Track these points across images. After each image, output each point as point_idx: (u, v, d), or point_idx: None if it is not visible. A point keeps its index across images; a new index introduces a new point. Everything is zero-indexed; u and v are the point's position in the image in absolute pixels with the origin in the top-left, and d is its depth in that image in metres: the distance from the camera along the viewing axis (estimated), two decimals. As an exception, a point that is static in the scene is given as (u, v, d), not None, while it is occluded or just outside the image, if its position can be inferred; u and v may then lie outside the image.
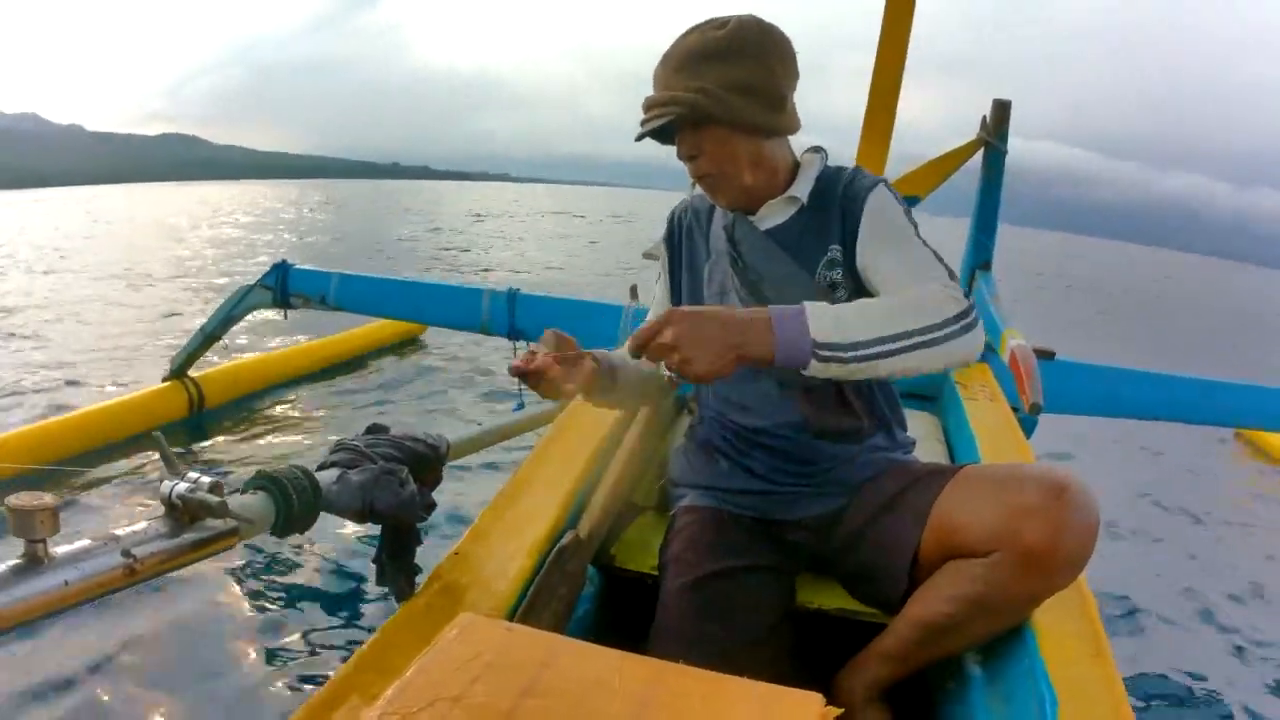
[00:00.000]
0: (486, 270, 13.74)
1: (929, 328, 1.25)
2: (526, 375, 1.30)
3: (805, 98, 1.54)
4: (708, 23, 1.46)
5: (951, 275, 1.39)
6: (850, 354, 1.21)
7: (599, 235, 24.12)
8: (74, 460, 3.67)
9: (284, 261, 4.48)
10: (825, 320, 1.21)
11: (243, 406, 4.77)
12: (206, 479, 1.06)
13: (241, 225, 21.08)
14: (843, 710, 0.85)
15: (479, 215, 31.14)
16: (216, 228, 19.88)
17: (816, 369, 1.21)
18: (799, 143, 1.61)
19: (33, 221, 19.59)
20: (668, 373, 1.23)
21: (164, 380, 4.48)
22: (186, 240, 16.38)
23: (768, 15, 1.49)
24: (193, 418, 4.45)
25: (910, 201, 1.54)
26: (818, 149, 1.61)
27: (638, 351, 1.22)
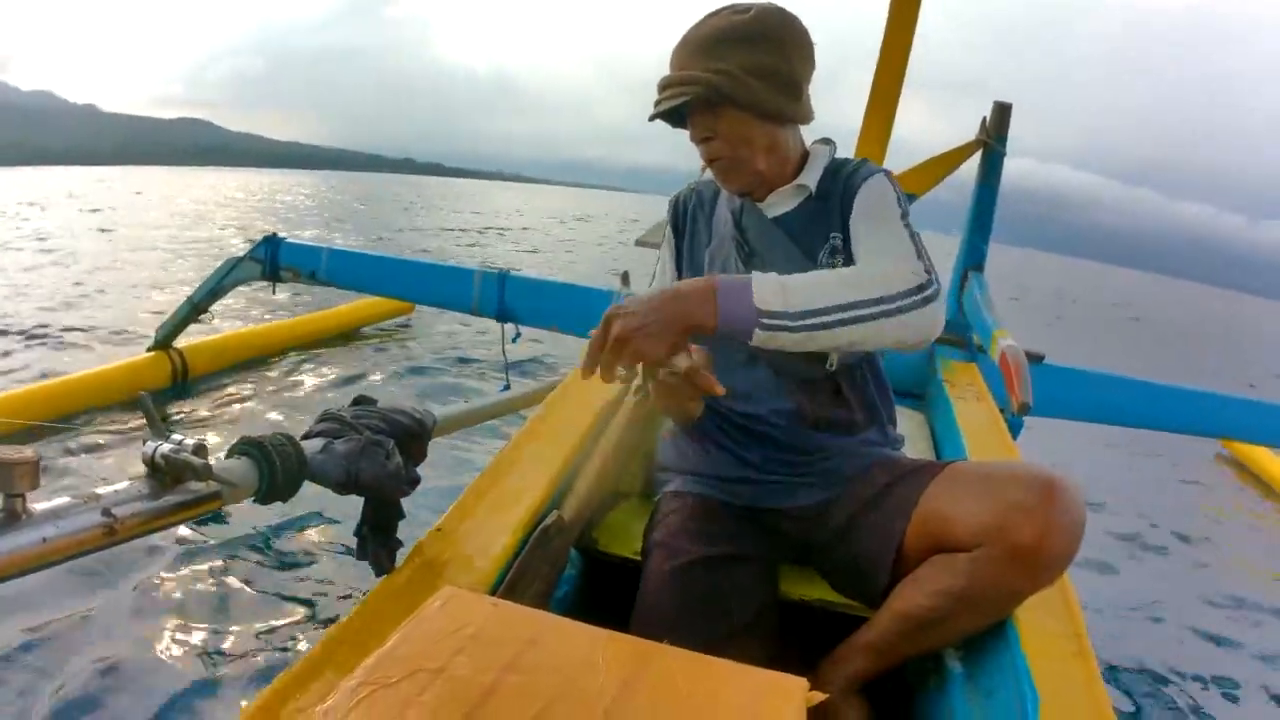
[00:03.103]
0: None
1: (884, 299, 1.24)
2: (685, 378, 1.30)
3: (818, 108, 1.55)
4: (730, 8, 1.46)
5: (921, 255, 1.36)
6: (797, 323, 1.21)
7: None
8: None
9: (274, 235, 4.44)
10: (770, 289, 1.22)
11: (226, 379, 4.74)
12: (190, 441, 1.05)
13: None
14: (827, 695, 0.85)
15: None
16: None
17: (761, 338, 1.22)
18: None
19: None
20: (631, 380, 1.22)
21: (149, 350, 4.46)
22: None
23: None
24: (175, 388, 4.43)
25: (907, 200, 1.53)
26: (827, 140, 1.62)
27: (594, 366, 1.22)
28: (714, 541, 1.45)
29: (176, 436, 1.07)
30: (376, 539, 1.37)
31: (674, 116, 1.49)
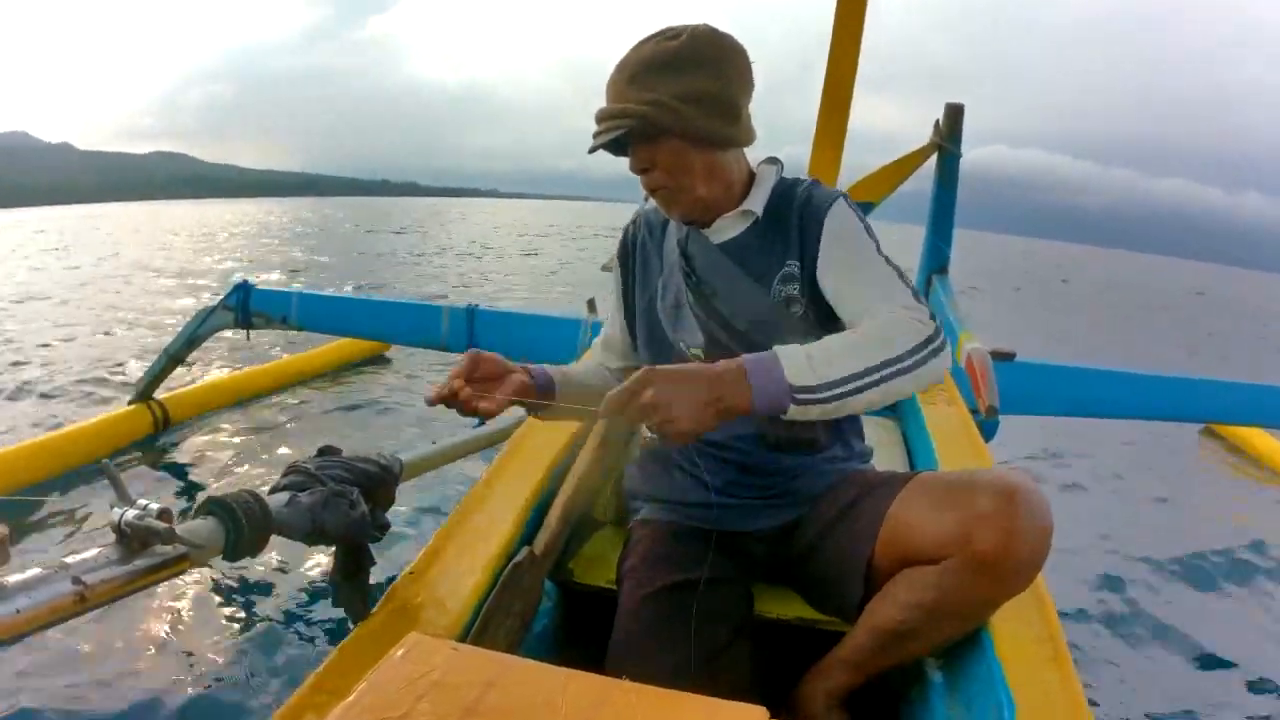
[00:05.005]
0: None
1: (898, 358, 1.25)
2: (447, 402, 1.35)
3: (790, 110, 1.55)
4: (661, 33, 1.43)
5: (915, 295, 1.38)
6: (827, 394, 1.21)
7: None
8: (36, 488, 3.62)
9: (245, 281, 4.46)
10: (798, 363, 1.21)
11: (207, 428, 4.73)
12: (155, 506, 1.06)
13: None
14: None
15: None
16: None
17: (795, 413, 1.21)
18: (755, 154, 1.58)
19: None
20: (649, 434, 1.20)
21: (129, 404, 4.46)
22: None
23: (765, 37, 1.46)
24: (157, 440, 4.42)
25: (864, 208, 1.53)
26: (774, 160, 1.59)
27: (617, 413, 1.19)
28: (684, 567, 1.45)
29: (142, 501, 1.08)
30: (349, 586, 1.38)
31: (615, 146, 1.47)
